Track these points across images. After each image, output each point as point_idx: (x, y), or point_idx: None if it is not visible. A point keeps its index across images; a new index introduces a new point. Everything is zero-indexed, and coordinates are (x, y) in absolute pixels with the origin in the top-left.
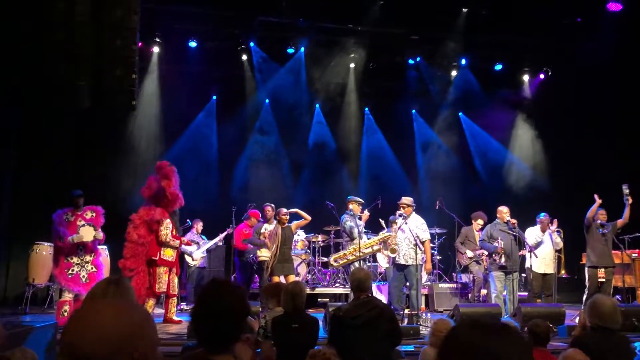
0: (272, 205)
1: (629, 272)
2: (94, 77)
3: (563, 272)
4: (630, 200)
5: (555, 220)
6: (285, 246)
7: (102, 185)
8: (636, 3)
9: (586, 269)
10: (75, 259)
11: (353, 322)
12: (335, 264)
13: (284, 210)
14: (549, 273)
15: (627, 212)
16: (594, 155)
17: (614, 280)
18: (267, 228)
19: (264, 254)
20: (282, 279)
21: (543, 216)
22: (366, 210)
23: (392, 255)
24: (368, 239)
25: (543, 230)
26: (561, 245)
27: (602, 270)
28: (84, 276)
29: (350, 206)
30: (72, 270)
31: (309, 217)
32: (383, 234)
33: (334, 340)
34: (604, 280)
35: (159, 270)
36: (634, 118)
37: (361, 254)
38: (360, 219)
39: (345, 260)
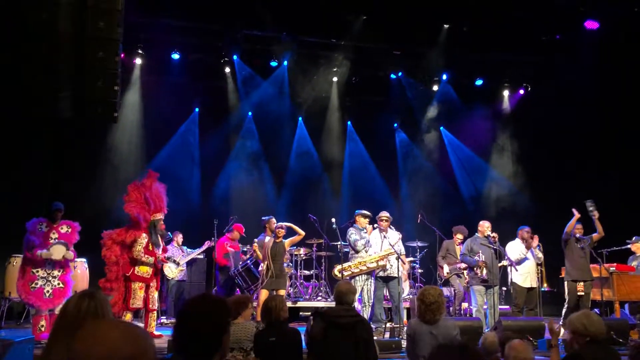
0: None
1: (607, 286)
2: (76, 88)
3: (545, 285)
4: (597, 215)
5: (536, 237)
6: (276, 261)
7: (81, 197)
8: (612, 22)
9: (565, 282)
10: (41, 272)
11: (335, 320)
12: (339, 275)
13: (280, 224)
14: (533, 287)
15: (599, 226)
16: (573, 170)
17: (592, 293)
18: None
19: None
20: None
21: (523, 229)
22: (370, 226)
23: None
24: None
25: (528, 247)
26: (542, 259)
27: (581, 284)
28: (48, 291)
29: (359, 220)
30: (35, 284)
31: (302, 233)
32: (387, 250)
33: (314, 337)
34: (582, 293)
35: (134, 285)
36: (612, 133)
37: (366, 267)
38: (366, 233)
39: (350, 273)
